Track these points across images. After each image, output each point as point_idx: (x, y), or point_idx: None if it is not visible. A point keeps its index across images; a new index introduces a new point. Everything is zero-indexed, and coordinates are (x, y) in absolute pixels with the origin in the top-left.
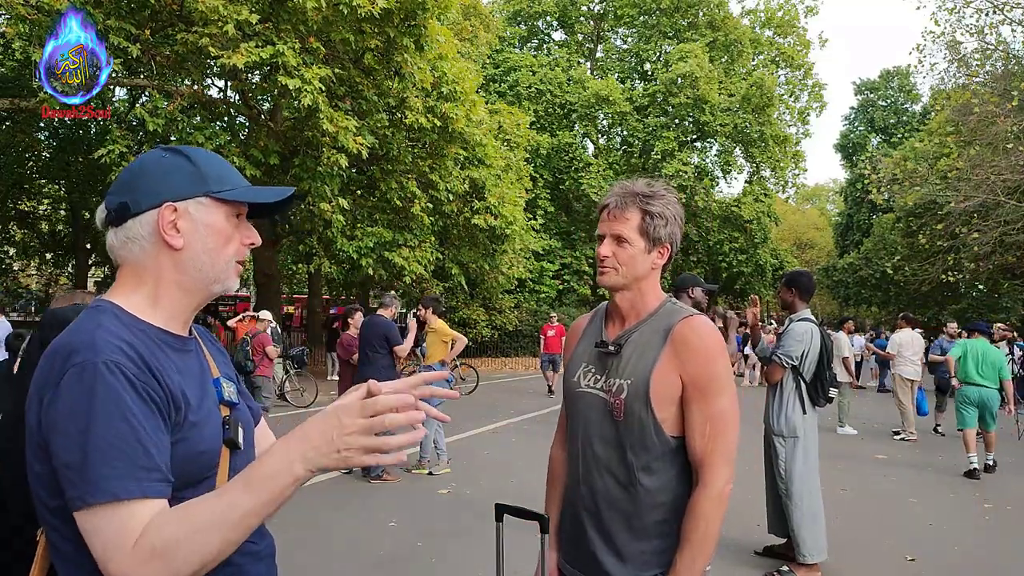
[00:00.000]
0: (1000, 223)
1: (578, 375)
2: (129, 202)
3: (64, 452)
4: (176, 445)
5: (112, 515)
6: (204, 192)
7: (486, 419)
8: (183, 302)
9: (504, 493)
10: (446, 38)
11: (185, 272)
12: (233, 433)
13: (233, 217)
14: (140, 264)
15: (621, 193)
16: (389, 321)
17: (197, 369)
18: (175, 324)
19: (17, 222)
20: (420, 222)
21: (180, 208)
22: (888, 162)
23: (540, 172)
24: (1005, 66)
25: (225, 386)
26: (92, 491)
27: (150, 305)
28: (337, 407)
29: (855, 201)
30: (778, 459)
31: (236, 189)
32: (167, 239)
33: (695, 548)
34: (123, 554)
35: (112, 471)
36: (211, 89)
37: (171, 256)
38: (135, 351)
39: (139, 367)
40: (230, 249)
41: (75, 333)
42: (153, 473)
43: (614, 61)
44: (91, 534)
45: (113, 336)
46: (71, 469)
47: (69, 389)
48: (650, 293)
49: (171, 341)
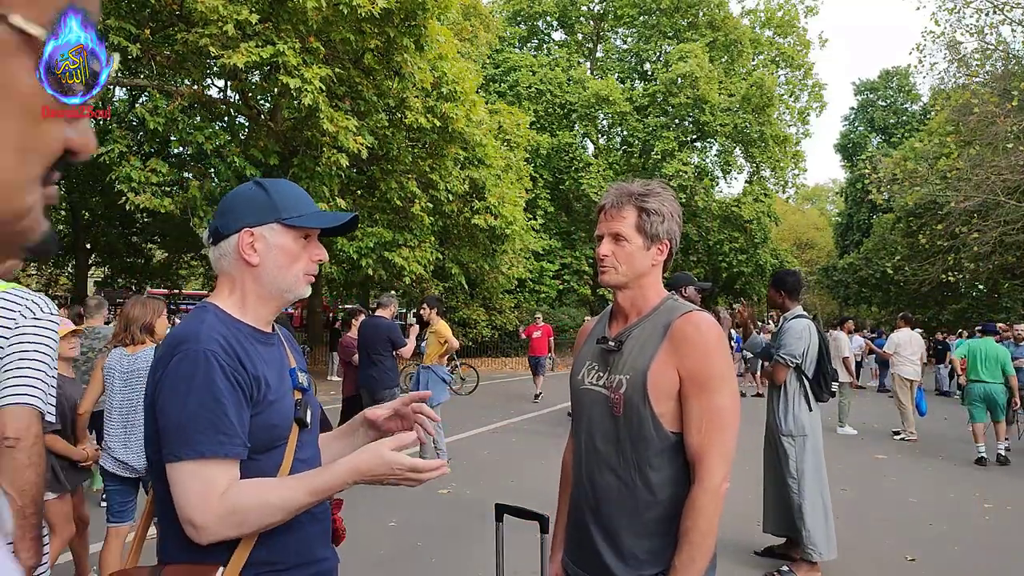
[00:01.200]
0: (1000, 223)
1: (582, 373)
2: (220, 226)
3: (166, 417)
4: (255, 417)
5: (197, 470)
6: (275, 219)
7: (486, 419)
8: (263, 306)
9: (504, 493)
10: (446, 38)
11: (260, 283)
12: (302, 413)
13: (302, 239)
14: (229, 275)
15: (617, 193)
16: (391, 322)
17: (278, 359)
18: (261, 323)
19: None
20: (420, 222)
21: (256, 232)
22: (888, 162)
23: (540, 172)
24: (1005, 66)
25: (300, 375)
26: (184, 448)
27: (240, 307)
28: (398, 464)
29: (855, 201)
30: (788, 460)
31: (304, 216)
32: (245, 257)
33: (693, 546)
34: (207, 505)
35: (201, 434)
36: (211, 89)
37: (250, 271)
38: (228, 343)
39: (230, 355)
40: (298, 266)
41: (185, 326)
42: (234, 439)
43: (614, 61)
44: (179, 484)
45: (213, 330)
46: (170, 430)
47: (176, 369)
48: (651, 290)
49: (257, 336)
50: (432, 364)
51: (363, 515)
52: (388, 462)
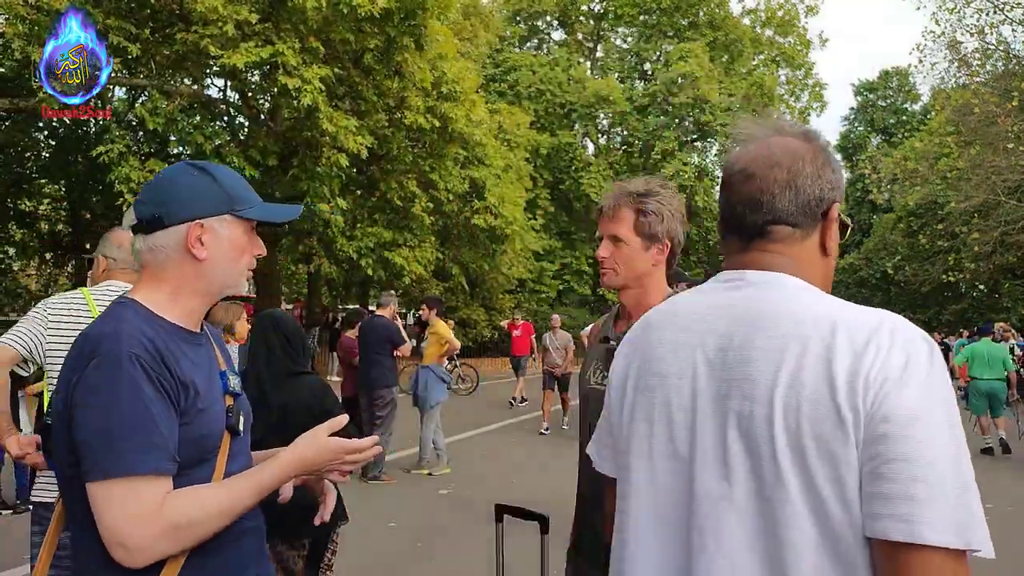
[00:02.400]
0: (1000, 223)
1: (588, 373)
2: (163, 215)
3: (86, 428)
4: (184, 427)
5: (129, 488)
6: (228, 211)
7: (486, 419)
8: (198, 303)
9: (504, 493)
10: (446, 38)
11: (204, 279)
12: (235, 420)
13: (249, 231)
14: (162, 269)
15: (616, 194)
16: (391, 323)
17: (206, 361)
18: (189, 321)
19: (17, 222)
20: (420, 222)
21: (207, 225)
22: (888, 162)
23: (540, 172)
24: (1005, 66)
25: (230, 378)
26: (112, 465)
27: (168, 304)
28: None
29: (855, 201)
30: None
31: (254, 208)
32: (193, 251)
33: None
34: (144, 526)
35: (130, 447)
36: (211, 89)
37: (194, 265)
38: (152, 343)
39: (155, 358)
40: (245, 260)
41: (101, 326)
42: (163, 452)
43: (614, 61)
44: (106, 504)
45: (135, 330)
46: (92, 444)
47: (95, 374)
48: (654, 289)
49: (185, 336)
50: (431, 364)
51: (363, 515)
52: (331, 448)
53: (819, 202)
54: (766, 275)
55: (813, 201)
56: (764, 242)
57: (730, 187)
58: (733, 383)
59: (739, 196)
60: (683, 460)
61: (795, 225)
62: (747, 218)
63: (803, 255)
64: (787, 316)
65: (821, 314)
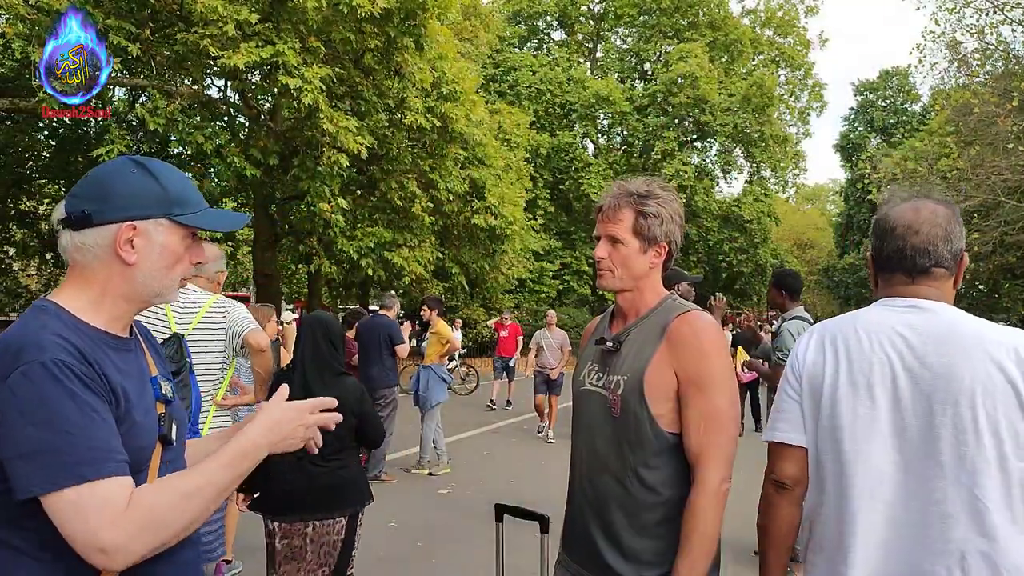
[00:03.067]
0: (1000, 223)
1: (583, 374)
2: (92, 212)
3: (16, 445)
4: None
5: (87, 493)
6: (165, 215)
7: (486, 419)
8: (125, 308)
9: (504, 493)
10: (446, 38)
11: (131, 284)
12: (167, 429)
13: (187, 238)
14: (89, 269)
15: (616, 194)
16: (392, 321)
17: (136, 368)
18: (116, 326)
19: (17, 222)
20: (420, 222)
21: (140, 227)
22: (888, 162)
23: (540, 172)
24: (1005, 66)
25: (163, 384)
26: (60, 476)
27: (93, 308)
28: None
29: (855, 201)
30: None
31: (195, 214)
32: (122, 254)
33: (695, 548)
34: (115, 523)
35: (77, 457)
36: (211, 89)
37: (122, 269)
38: (77, 349)
39: (83, 363)
40: (178, 268)
41: (20, 332)
42: (117, 454)
43: (614, 61)
44: (69, 514)
45: (57, 336)
46: (32, 462)
47: (19, 386)
48: (650, 291)
49: (111, 342)
50: (433, 364)
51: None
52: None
53: (959, 251)
54: (934, 304)
55: (957, 251)
56: (928, 279)
57: (899, 237)
58: (937, 380)
59: (909, 245)
60: (893, 435)
61: (948, 268)
62: (917, 261)
63: (947, 288)
64: (968, 335)
65: (998, 335)
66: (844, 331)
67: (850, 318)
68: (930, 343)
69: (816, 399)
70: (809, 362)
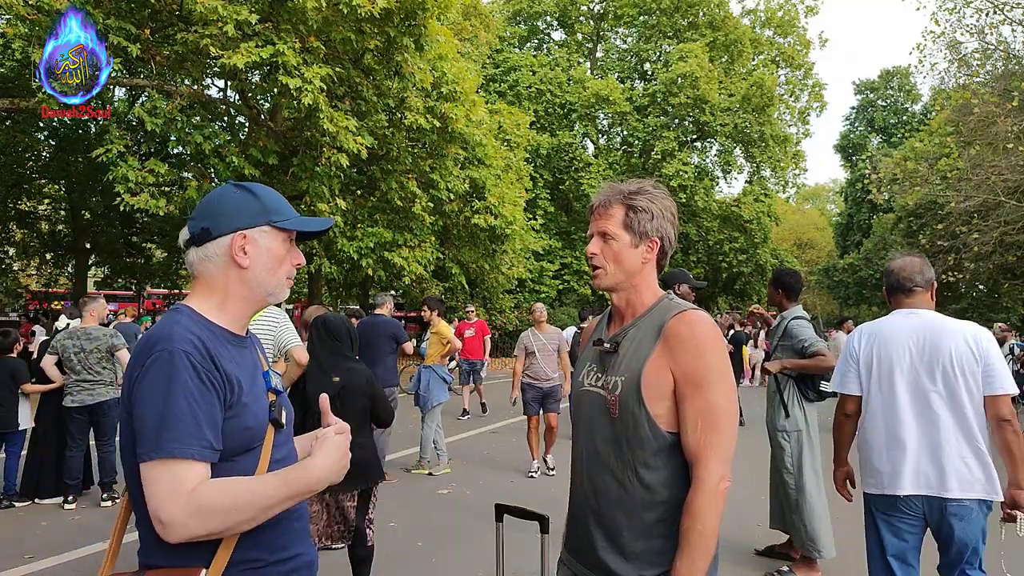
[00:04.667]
0: (1000, 223)
1: (582, 375)
2: (210, 227)
3: (140, 419)
4: (230, 420)
5: (165, 468)
6: (267, 222)
7: (486, 419)
8: (243, 309)
9: (504, 493)
10: (446, 38)
11: (247, 286)
12: (277, 414)
13: (287, 242)
14: (212, 278)
15: (606, 191)
16: (394, 320)
17: (251, 362)
18: (236, 326)
19: (17, 222)
20: (420, 222)
21: (249, 235)
22: (888, 162)
23: (540, 172)
24: (1005, 66)
25: (273, 377)
26: (156, 448)
27: (218, 310)
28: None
29: (855, 201)
30: (784, 454)
31: (291, 219)
32: (237, 259)
33: (694, 547)
34: (175, 503)
35: (172, 435)
36: (211, 89)
37: (238, 273)
38: (202, 343)
39: (203, 356)
40: (284, 268)
41: (159, 328)
42: (203, 441)
43: (614, 61)
44: (150, 482)
45: (186, 331)
46: (142, 431)
47: (151, 370)
48: (645, 290)
49: (230, 338)
50: (433, 364)
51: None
52: (344, 447)
53: (931, 279)
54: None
55: (929, 279)
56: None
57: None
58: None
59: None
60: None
61: (924, 288)
62: (906, 285)
63: (927, 300)
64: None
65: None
66: (879, 328)
67: (881, 321)
68: (925, 332)
69: (868, 367)
70: (862, 346)
